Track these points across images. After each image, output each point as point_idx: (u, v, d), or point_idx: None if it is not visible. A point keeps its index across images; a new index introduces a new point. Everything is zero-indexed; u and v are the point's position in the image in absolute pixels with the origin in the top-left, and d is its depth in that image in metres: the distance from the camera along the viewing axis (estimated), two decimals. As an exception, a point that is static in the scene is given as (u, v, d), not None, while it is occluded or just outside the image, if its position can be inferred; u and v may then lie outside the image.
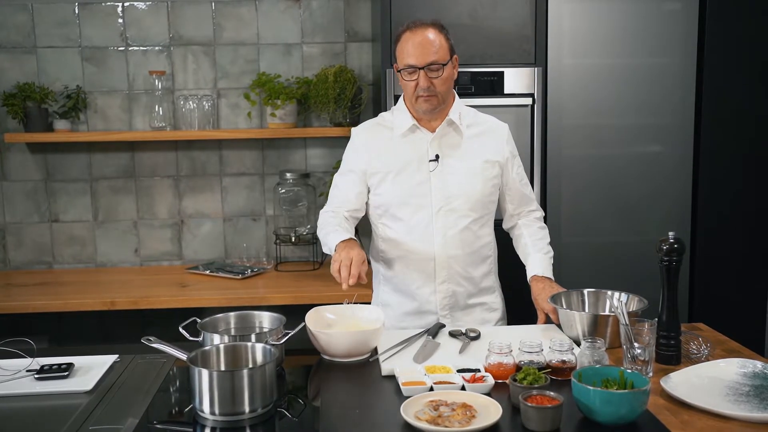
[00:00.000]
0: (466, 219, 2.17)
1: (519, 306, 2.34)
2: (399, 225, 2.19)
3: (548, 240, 2.28)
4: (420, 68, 2.05)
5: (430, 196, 2.15)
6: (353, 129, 2.30)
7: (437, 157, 2.15)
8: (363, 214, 2.28)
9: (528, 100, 2.87)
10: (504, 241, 2.35)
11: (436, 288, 2.19)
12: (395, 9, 2.79)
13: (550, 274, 2.19)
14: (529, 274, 2.20)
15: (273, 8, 3.35)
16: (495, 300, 2.30)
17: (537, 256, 2.21)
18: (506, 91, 2.86)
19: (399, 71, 2.12)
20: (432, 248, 2.17)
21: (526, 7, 2.84)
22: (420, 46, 2.05)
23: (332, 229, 2.16)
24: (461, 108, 2.20)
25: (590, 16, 2.88)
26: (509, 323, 2.32)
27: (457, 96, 2.22)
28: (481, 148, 2.19)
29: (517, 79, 2.86)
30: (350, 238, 2.10)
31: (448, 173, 2.16)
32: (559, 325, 2.01)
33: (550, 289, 2.10)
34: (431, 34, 2.07)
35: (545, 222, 2.36)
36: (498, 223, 2.33)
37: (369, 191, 2.23)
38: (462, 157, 2.17)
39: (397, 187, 2.17)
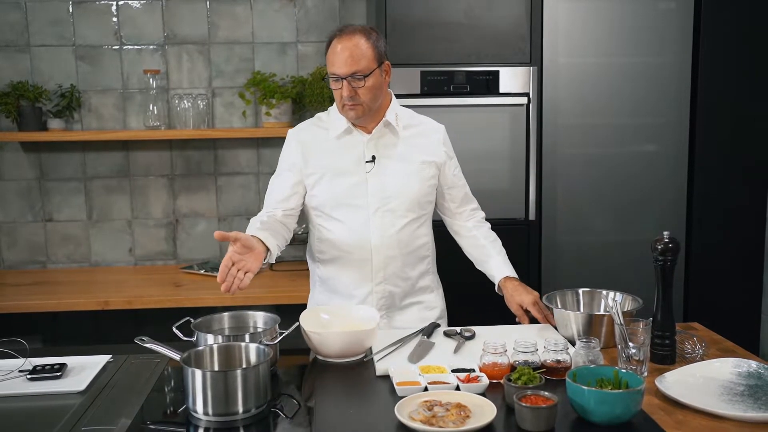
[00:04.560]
0: (404, 219, 2.15)
1: (461, 304, 2.36)
2: (336, 226, 2.16)
3: (500, 240, 2.28)
4: (343, 78, 2.03)
5: (366, 197, 2.13)
6: (290, 130, 2.26)
7: (374, 158, 2.13)
8: (299, 211, 2.20)
9: (523, 100, 2.87)
10: (443, 239, 2.32)
11: (373, 289, 2.17)
12: (390, 8, 2.79)
13: (515, 274, 2.19)
14: (498, 276, 2.18)
15: (268, 7, 3.34)
16: (433, 299, 2.28)
17: (499, 258, 2.21)
18: (501, 90, 2.86)
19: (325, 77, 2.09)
20: (369, 249, 2.15)
21: (522, 6, 2.84)
22: (343, 55, 2.01)
23: (253, 230, 2.03)
24: (397, 109, 2.18)
25: (585, 15, 2.88)
26: (450, 322, 2.30)
27: (393, 96, 2.19)
28: (417, 148, 2.17)
29: (512, 79, 2.86)
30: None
31: (385, 174, 2.13)
32: (541, 322, 2.03)
33: (523, 288, 2.11)
34: (357, 42, 2.01)
35: (542, 222, 2.35)
36: (437, 224, 2.30)
37: (306, 191, 2.18)
38: (399, 157, 2.15)
39: (333, 188, 2.14)
